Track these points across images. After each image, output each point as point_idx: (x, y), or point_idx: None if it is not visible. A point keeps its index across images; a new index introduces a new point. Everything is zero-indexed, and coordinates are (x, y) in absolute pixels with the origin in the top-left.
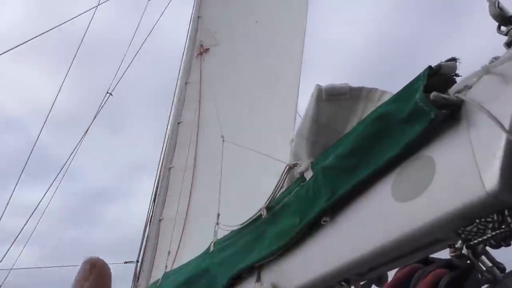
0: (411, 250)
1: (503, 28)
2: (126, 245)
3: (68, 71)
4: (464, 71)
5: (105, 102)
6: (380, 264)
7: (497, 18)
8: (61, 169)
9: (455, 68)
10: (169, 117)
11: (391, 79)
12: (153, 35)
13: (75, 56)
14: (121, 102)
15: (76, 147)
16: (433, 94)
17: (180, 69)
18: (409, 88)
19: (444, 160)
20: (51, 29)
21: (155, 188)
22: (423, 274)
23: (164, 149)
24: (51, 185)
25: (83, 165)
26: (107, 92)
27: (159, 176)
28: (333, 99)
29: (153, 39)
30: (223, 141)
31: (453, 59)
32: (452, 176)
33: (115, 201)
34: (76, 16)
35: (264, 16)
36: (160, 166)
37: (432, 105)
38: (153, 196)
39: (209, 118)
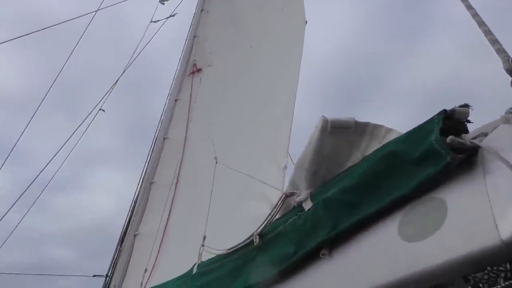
0: None
1: None
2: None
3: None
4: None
5: (94, 116)
6: None
7: (511, 73)
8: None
9: (467, 114)
10: (156, 132)
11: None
12: (148, 52)
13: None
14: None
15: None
16: (450, 138)
17: (171, 86)
18: (422, 129)
19: (457, 204)
20: (44, 29)
21: (133, 202)
22: None
23: (147, 163)
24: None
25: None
26: (100, 109)
27: (139, 190)
28: (337, 132)
29: (147, 56)
30: (216, 162)
31: (466, 105)
32: (465, 220)
33: (68, 191)
34: (72, 19)
35: (259, 42)
36: (141, 181)
37: (449, 149)
38: (130, 210)
39: (197, 137)
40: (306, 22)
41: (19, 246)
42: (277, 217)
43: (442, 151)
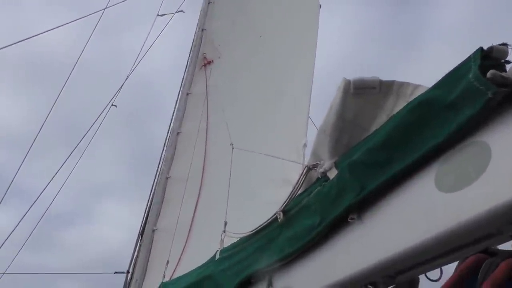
0: (459, 246)
1: None
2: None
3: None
4: None
5: (107, 112)
6: (418, 263)
7: None
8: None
9: (507, 53)
10: (169, 126)
11: None
12: (156, 47)
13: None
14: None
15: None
16: (490, 72)
17: (182, 79)
18: (457, 71)
19: (502, 145)
20: (47, 31)
21: (150, 197)
22: (492, 265)
23: (162, 158)
24: None
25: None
26: (112, 104)
27: (155, 185)
28: (361, 93)
29: (156, 51)
30: (232, 148)
31: (505, 44)
32: None
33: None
34: (81, 18)
35: (269, 29)
36: (156, 176)
37: (491, 83)
38: (147, 206)
39: (212, 128)
40: (320, 6)
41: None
42: (300, 191)
43: (482, 87)
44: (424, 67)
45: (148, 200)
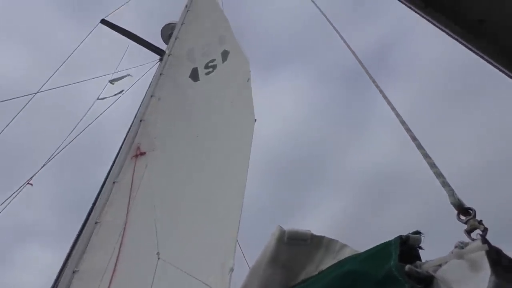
0: None
1: (462, 217)
2: None
3: None
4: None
5: (21, 188)
6: None
7: (457, 207)
8: None
9: (420, 240)
10: (88, 214)
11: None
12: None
13: None
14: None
15: None
16: (408, 267)
17: (111, 167)
18: (380, 253)
19: None
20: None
21: None
22: None
23: (75, 249)
24: None
25: None
26: (28, 183)
27: (59, 280)
28: (293, 243)
29: (90, 133)
30: (158, 259)
31: (418, 232)
32: None
33: None
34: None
35: (206, 133)
36: (62, 269)
37: (407, 278)
38: None
39: (134, 224)
40: (256, 120)
41: None
42: None
43: (401, 278)
44: (366, 150)
45: None
